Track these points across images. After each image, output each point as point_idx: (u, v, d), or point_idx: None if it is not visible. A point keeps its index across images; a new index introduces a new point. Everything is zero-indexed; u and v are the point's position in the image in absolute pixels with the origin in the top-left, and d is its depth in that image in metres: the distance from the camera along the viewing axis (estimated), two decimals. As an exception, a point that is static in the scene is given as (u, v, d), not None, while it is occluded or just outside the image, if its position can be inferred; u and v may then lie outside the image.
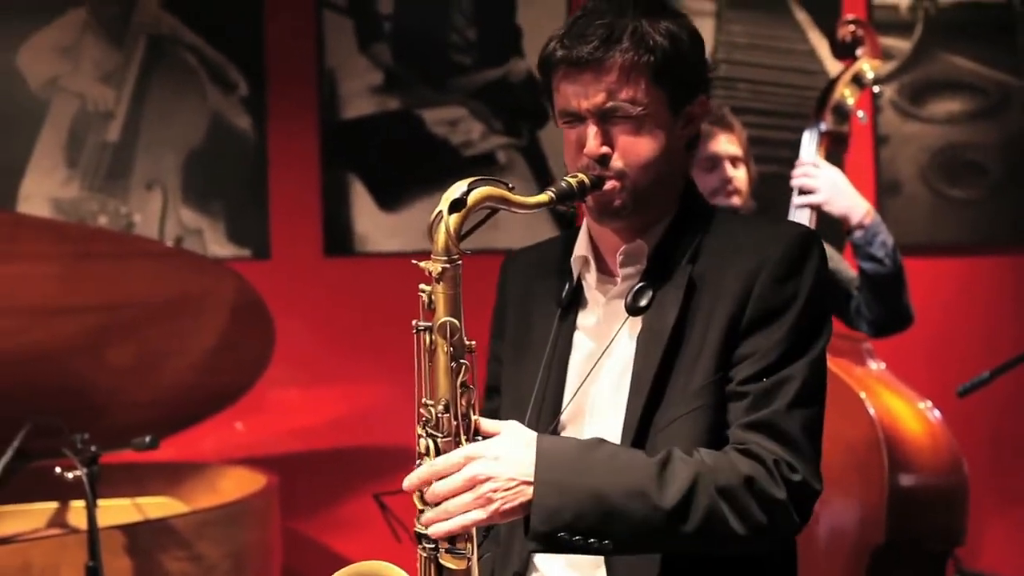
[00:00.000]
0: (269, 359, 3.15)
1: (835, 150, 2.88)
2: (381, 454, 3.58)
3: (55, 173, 3.55)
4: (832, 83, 2.89)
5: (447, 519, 1.43)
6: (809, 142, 2.83)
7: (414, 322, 1.50)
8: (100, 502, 2.54)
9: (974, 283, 3.95)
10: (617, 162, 1.56)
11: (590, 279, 1.68)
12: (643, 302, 1.58)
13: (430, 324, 1.48)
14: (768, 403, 1.50)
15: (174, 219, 3.59)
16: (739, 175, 2.83)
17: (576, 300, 1.68)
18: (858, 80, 2.89)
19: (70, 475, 2.45)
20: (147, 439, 2.64)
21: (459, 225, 1.48)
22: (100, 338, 2.88)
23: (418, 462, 1.49)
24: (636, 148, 1.56)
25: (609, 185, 1.56)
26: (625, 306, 1.60)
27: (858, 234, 2.70)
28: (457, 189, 1.50)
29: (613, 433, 1.57)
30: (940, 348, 3.56)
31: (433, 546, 1.48)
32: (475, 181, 1.50)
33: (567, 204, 1.56)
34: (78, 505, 2.84)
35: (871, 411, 2.57)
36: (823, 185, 2.72)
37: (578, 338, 1.67)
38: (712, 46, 3.81)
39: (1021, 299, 3.95)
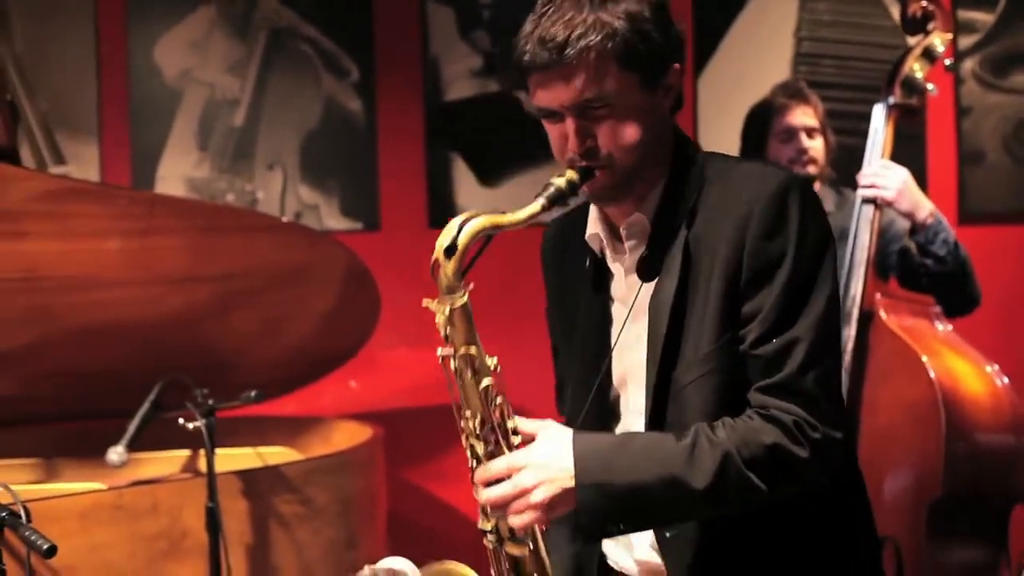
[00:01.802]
0: (375, 323, 3.18)
1: (906, 122, 2.79)
2: (487, 408, 3.61)
3: (188, 156, 3.63)
4: (902, 57, 2.81)
5: (509, 519, 1.45)
6: (878, 116, 2.76)
7: (438, 351, 1.51)
8: (224, 451, 2.64)
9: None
10: (603, 150, 1.49)
11: (608, 252, 1.63)
12: (648, 270, 1.56)
13: (452, 354, 1.50)
14: (781, 366, 1.45)
15: (293, 196, 3.65)
16: (815, 145, 2.79)
17: (602, 274, 1.65)
18: (928, 54, 2.80)
19: (191, 425, 2.52)
20: (252, 394, 2.71)
21: (457, 267, 1.49)
22: (225, 304, 2.95)
23: (473, 468, 1.51)
24: (617, 134, 1.49)
25: (599, 174, 1.50)
26: (638, 274, 1.57)
27: (920, 236, 2.65)
28: (447, 235, 1.48)
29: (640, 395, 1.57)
30: (1016, 315, 3.43)
31: (496, 539, 1.51)
32: (464, 221, 1.48)
33: (561, 203, 1.51)
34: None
35: (931, 373, 2.50)
36: (891, 181, 2.66)
37: (614, 309, 1.64)
38: (796, 23, 3.72)
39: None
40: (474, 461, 1.50)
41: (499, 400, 1.49)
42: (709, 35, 3.73)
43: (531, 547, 1.51)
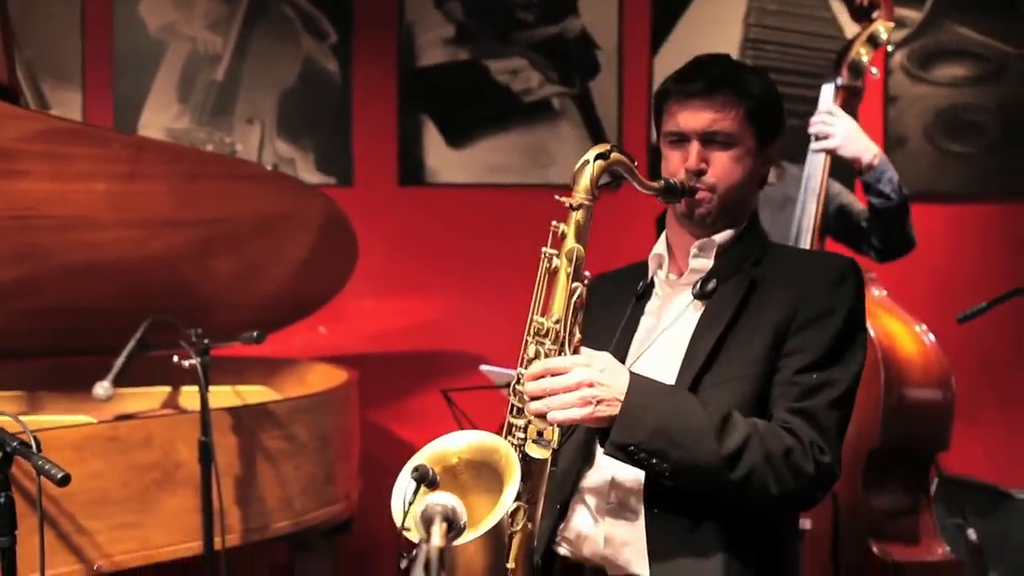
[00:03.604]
0: (352, 271, 3.13)
1: (849, 102, 2.79)
2: (447, 356, 3.61)
3: (169, 107, 3.54)
4: (850, 42, 2.83)
5: (550, 411, 1.46)
6: (827, 94, 2.76)
7: (543, 249, 1.55)
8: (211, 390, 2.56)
9: (968, 227, 3.90)
10: (710, 178, 1.62)
11: (661, 274, 1.73)
12: (709, 288, 1.63)
13: (557, 251, 1.53)
14: (813, 397, 1.53)
15: (270, 150, 3.58)
16: None
17: (648, 292, 1.73)
18: (873, 40, 2.82)
19: (186, 363, 2.47)
20: (254, 334, 2.66)
21: (601, 171, 1.54)
22: (207, 248, 2.87)
23: (520, 368, 1.52)
24: (727, 168, 1.63)
25: (701, 195, 1.62)
26: (693, 292, 1.65)
27: (868, 174, 2.66)
28: (602, 146, 1.55)
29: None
30: (938, 282, 3.51)
31: (522, 437, 1.51)
32: (615, 146, 1.55)
33: (669, 199, 1.62)
34: (188, 390, 2.89)
35: (871, 332, 2.52)
36: (838, 131, 2.67)
37: (644, 320, 1.71)
38: (745, 11, 3.75)
39: (1009, 243, 3.88)
40: (532, 357, 1.52)
41: (579, 309, 1.53)
42: (666, 17, 3.73)
43: (551, 451, 1.50)
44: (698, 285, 1.64)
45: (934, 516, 2.66)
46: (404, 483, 1.39)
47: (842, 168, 2.79)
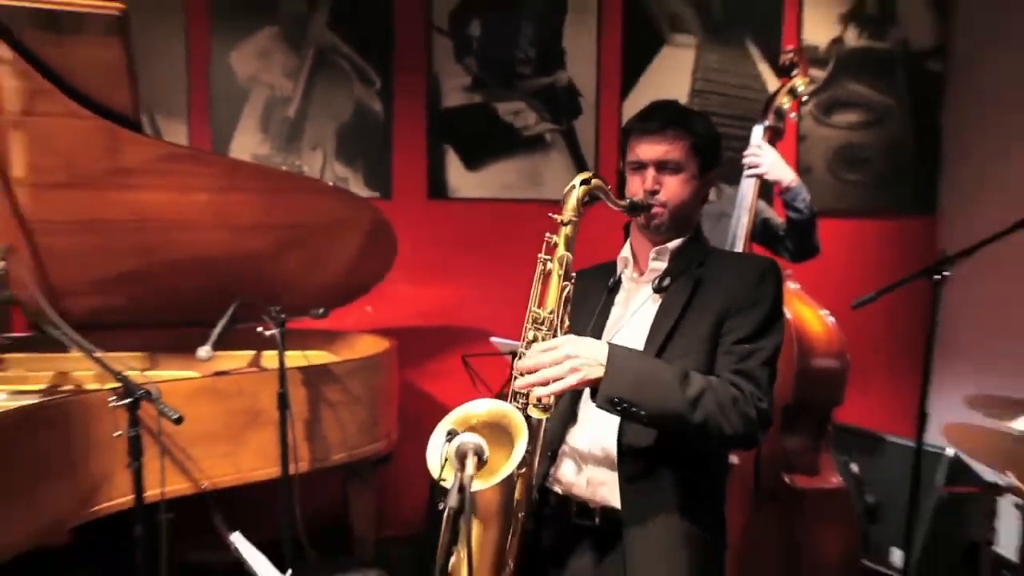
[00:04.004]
0: (392, 264, 3.13)
1: (773, 139, 2.80)
2: (466, 330, 3.61)
3: (254, 137, 3.51)
4: (775, 93, 2.83)
5: (545, 382, 1.46)
6: (757, 133, 2.77)
7: (539, 255, 1.54)
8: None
9: (860, 237, 3.93)
10: (663, 196, 1.63)
11: (627, 272, 1.72)
12: (665, 284, 1.64)
13: (550, 257, 1.53)
14: (748, 360, 1.55)
15: (330, 171, 3.56)
16: None
17: (616, 287, 1.72)
18: (793, 91, 2.82)
19: (268, 333, 2.48)
20: (321, 310, 2.67)
21: (584, 194, 1.55)
22: (283, 246, 2.86)
23: (522, 349, 1.52)
24: (676, 189, 1.63)
25: (656, 210, 1.63)
26: (652, 287, 1.65)
27: (787, 194, 2.66)
28: (584, 174, 1.57)
29: None
30: (838, 278, 3.52)
31: (524, 402, 1.50)
32: (593, 175, 1.57)
33: (633, 213, 1.63)
34: (268, 354, 2.91)
35: (788, 315, 2.54)
36: (765, 162, 2.67)
37: (614, 310, 1.70)
38: (693, 67, 3.74)
39: (893, 248, 3.93)
40: (531, 341, 1.52)
41: (568, 302, 1.53)
42: (632, 72, 3.73)
43: (548, 412, 1.51)
44: (656, 282, 1.65)
45: (831, 455, 2.68)
46: (438, 442, 1.38)
47: (766, 190, 2.79)
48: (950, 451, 3.07)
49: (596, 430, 1.60)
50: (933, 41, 3.93)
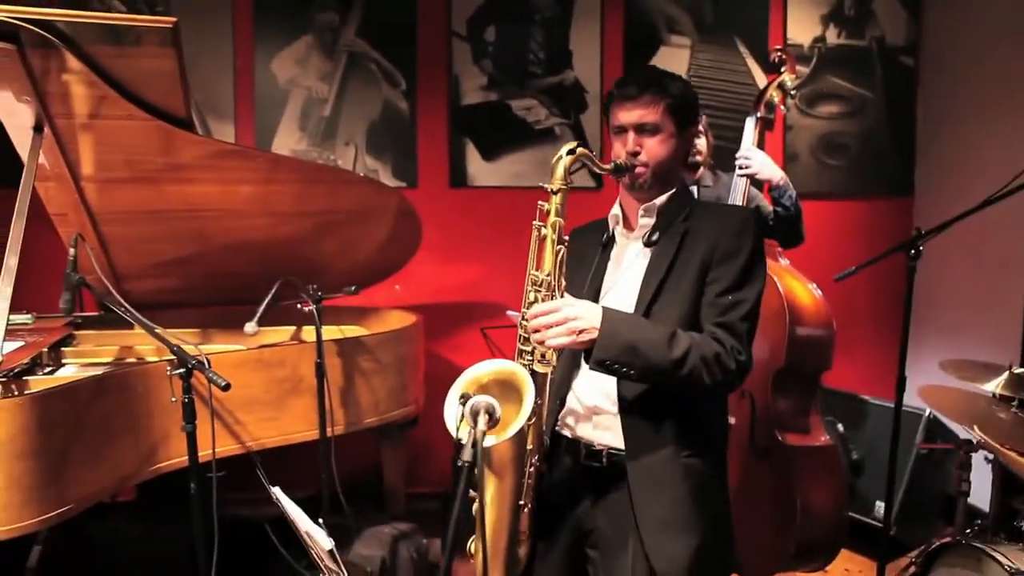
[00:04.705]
0: (418, 246, 3.10)
1: (764, 129, 2.75)
2: (484, 305, 3.59)
3: (293, 134, 3.50)
4: (765, 87, 2.77)
5: (547, 339, 1.43)
6: (749, 124, 2.70)
7: (534, 222, 1.48)
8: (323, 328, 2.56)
9: (842, 216, 3.85)
10: (644, 157, 1.56)
11: (618, 230, 1.66)
12: (654, 238, 1.58)
13: (544, 223, 1.48)
14: (729, 313, 1.49)
15: (361, 163, 3.54)
16: (700, 143, 2.71)
17: (610, 244, 1.67)
18: (781, 86, 2.77)
19: (306, 309, 2.47)
20: (352, 287, 2.65)
21: (571, 163, 1.50)
22: (319, 231, 2.84)
23: (524, 308, 1.48)
24: (655, 149, 1.56)
25: (639, 170, 1.56)
26: (643, 241, 1.60)
27: (775, 191, 2.61)
28: (571, 144, 1.51)
29: (627, 311, 1.55)
30: (824, 253, 3.46)
31: (530, 359, 1.48)
32: (579, 144, 1.50)
33: (617, 175, 1.57)
34: (308, 328, 2.86)
35: (780, 288, 2.50)
36: (755, 163, 2.62)
37: (609, 265, 1.65)
38: (688, 65, 3.67)
39: (874, 227, 3.85)
40: (531, 302, 1.48)
41: (563, 265, 1.48)
42: (643, 66, 3.64)
43: (551, 367, 1.48)
44: (646, 236, 1.59)
45: (820, 415, 2.65)
46: (453, 404, 1.35)
47: (759, 185, 2.75)
48: (928, 411, 3.01)
49: (598, 377, 1.56)
50: (906, 38, 3.85)
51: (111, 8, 3.29)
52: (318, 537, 1.35)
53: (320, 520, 1.38)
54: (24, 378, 2.10)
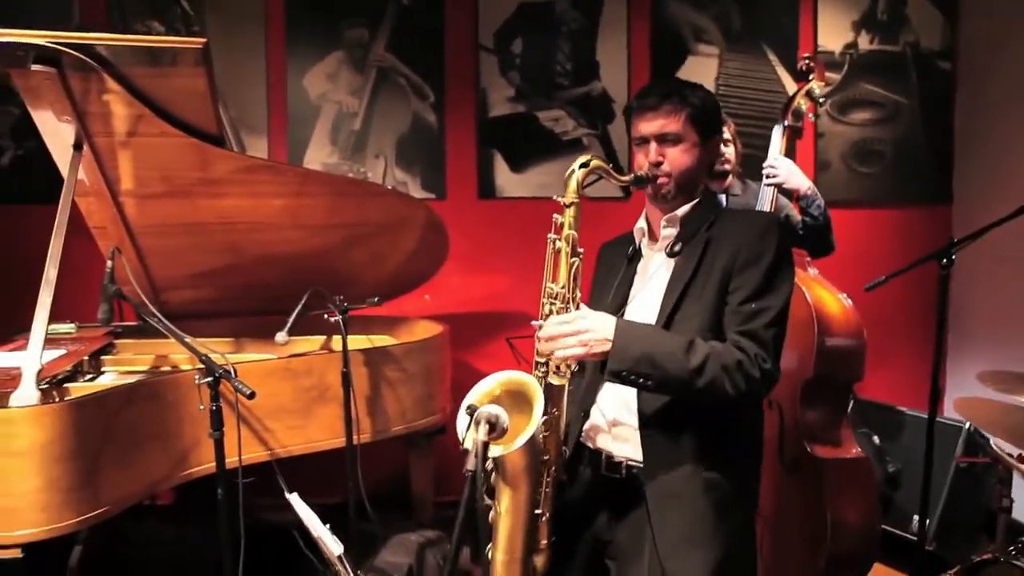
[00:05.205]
0: (446, 257, 3.12)
1: (792, 138, 2.71)
2: (510, 315, 3.58)
3: (324, 149, 3.55)
4: (793, 95, 2.73)
5: (561, 351, 1.43)
6: (777, 133, 2.67)
7: (549, 236, 1.48)
8: (349, 338, 2.58)
9: (873, 225, 3.78)
10: (666, 167, 1.55)
11: (644, 241, 1.66)
12: (676, 249, 1.57)
13: (558, 236, 1.49)
14: (753, 321, 1.46)
15: (391, 176, 3.57)
16: (729, 151, 2.70)
17: (636, 257, 1.66)
18: (809, 94, 2.72)
19: (332, 319, 2.48)
20: (375, 299, 2.66)
21: (584, 176, 1.47)
22: (348, 243, 2.88)
23: (540, 321, 1.48)
24: (678, 159, 1.55)
25: (661, 180, 1.55)
26: (666, 253, 1.57)
27: (803, 200, 2.58)
28: (584, 156, 1.50)
29: (650, 322, 1.55)
30: (854, 263, 3.39)
31: (544, 370, 1.47)
32: (593, 156, 1.49)
33: (639, 186, 1.56)
34: (337, 338, 2.87)
35: (808, 298, 2.45)
36: (782, 172, 2.58)
37: (636, 279, 1.64)
38: (716, 73, 3.65)
39: (903, 234, 3.77)
40: (547, 314, 1.48)
41: (577, 277, 1.48)
42: (664, 77, 3.63)
43: (568, 380, 1.48)
44: (669, 247, 1.58)
45: (851, 426, 2.59)
46: (463, 415, 1.37)
47: (787, 195, 2.69)
48: (968, 424, 2.93)
49: (621, 389, 1.56)
50: (941, 42, 3.77)
51: (152, 30, 3.40)
52: (329, 542, 1.37)
53: (327, 525, 1.41)
54: (65, 385, 2.18)
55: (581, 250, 1.49)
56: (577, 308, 1.48)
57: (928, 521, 2.92)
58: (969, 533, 2.95)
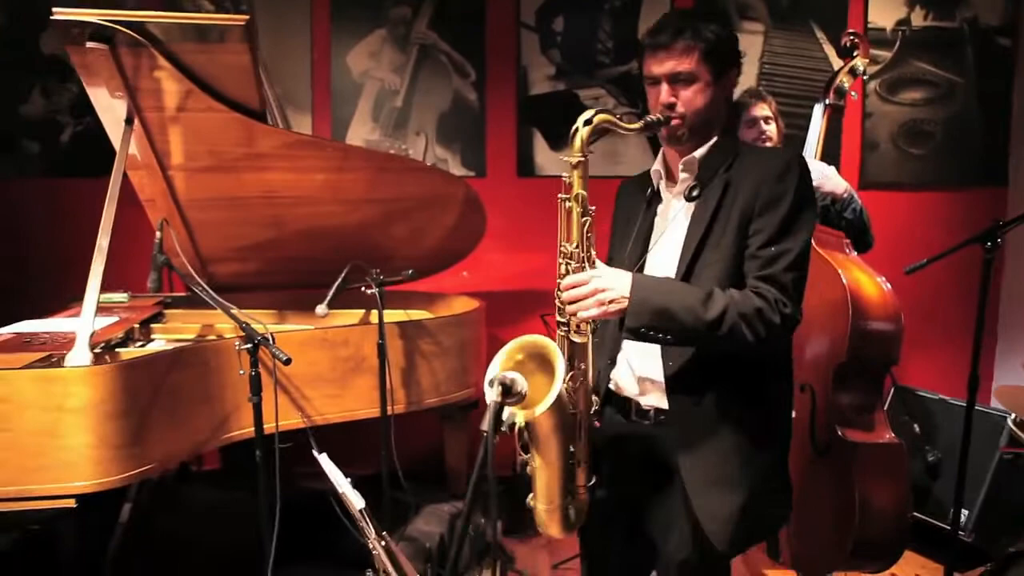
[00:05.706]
0: (484, 234, 3.14)
1: (834, 117, 2.64)
2: (547, 293, 3.52)
3: (366, 125, 3.59)
4: (835, 73, 2.67)
5: (578, 311, 1.43)
6: (817, 111, 2.61)
7: (559, 195, 1.47)
8: (386, 311, 2.63)
9: (922, 208, 3.66)
10: (680, 108, 1.49)
11: (662, 184, 1.61)
12: (695, 193, 1.53)
13: (568, 195, 1.47)
14: (772, 265, 1.43)
15: (431, 153, 3.60)
16: (770, 129, 2.64)
17: (654, 199, 1.61)
18: (853, 71, 2.66)
19: (369, 292, 2.53)
20: (410, 272, 2.69)
21: (588, 134, 1.45)
22: (388, 218, 2.92)
23: (559, 280, 1.49)
24: (691, 100, 1.48)
25: (675, 122, 1.49)
26: (685, 196, 1.53)
27: (838, 204, 2.53)
28: (588, 113, 1.45)
29: (670, 271, 1.52)
30: (898, 246, 3.29)
31: (566, 330, 1.49)
32: (598, 110, 1.44)
33: (650, 131, 1.50)
34: (374, 311, 2.95)
35: (844, 280, 2.41)
36: (817, 176, 2.50)
37: (657, 221, 1.61)
38: (760, 51, 3.56)
39: (950, 218, 3.64)
40: (563, 274, 1.48)
41: (590, 235, 1.46)
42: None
43: (587, 338, 1.48)
44: (687, 191, 1.54)
45: (884, 411, 2.53)
46: (487, 389, 1.37)
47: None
48: (1014, 414, 2.85)
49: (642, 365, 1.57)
50: (1002, 18, 3.61)
51: (200, 8, 3.49)
52: (352, 497, 1.43)
53: (348, 479, 1.46)
54: (117, 350, 2.29)
55: (592, 208, 1.47)
56: (592, 266, 1.47)
57: (968, 512, 2.86)
58: (1011, 526, 2.88)
